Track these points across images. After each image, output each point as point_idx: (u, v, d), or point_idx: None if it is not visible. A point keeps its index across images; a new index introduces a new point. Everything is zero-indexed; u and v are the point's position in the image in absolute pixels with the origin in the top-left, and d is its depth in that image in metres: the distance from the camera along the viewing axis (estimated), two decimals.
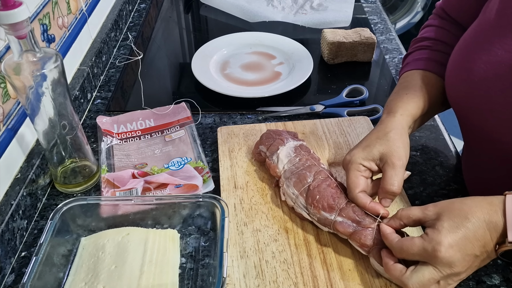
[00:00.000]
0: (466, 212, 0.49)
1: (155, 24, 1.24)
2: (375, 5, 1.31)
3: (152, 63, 1.07)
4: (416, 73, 0.69)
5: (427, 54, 0.71)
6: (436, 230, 0.50)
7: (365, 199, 0.59)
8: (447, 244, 0.48)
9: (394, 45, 1.12)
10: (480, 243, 0.49)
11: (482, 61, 0.56)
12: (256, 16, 1.24)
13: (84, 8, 0.98)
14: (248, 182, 0.72)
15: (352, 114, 0.89)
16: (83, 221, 0.65)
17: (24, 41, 0.58)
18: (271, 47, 1.08)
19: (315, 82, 1.01)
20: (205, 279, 0.60)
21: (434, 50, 0.71)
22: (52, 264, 0.59)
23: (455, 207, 0.50)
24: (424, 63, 0.70)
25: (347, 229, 0.59)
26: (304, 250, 0.61)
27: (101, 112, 0.91)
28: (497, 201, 0.49)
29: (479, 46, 0.58)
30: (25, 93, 0.61)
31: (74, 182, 0.73)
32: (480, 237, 0.48)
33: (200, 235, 0.66)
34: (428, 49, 0.72)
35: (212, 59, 1.04)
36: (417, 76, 0.68)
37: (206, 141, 0.83)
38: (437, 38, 0.72)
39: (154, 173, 0.74)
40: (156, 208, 0.66)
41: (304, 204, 0.63)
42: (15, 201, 0.65)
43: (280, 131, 0.73)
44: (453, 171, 0.77)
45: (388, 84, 0.99)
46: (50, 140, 0.68)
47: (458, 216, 0.49)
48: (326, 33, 1.04)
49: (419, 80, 0.67)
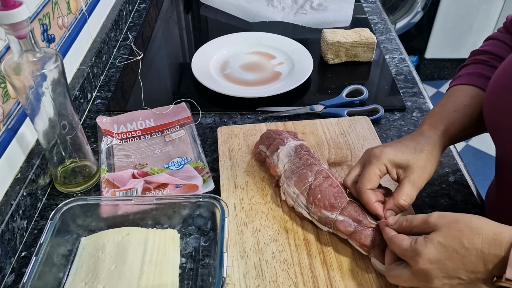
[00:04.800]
0: (463, 236, 0.47)
1: (155, 24, 1.24)
2: (375, 5, 1.31)
3: (152, 63, 1.07)
4: (467, 89, 0.65)
5: (481, 69, 0.67)
6: (424, 242, 0.49)
7: (372, 197, 0.59)
8: (426, 258, 0.48)
9: (394, 45, 1.12)
10: (468, 269, 0.46)
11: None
12: (256, 16, 1.24)
13: (84, 8, 0.98)
14: (248, 182, 0.72)
15: (352, 114, 0.89)
16: (83, 221, 0.65)
17: (24, 41, 0.58)
18: (271, 47, 1.08)
19: (315, 82, 1.01)
20: (205, 279, 0.60)
21: (489, 66, 0.67)
22: (52, 264, 0.59)
23: (457, 228, 0.48)
24: (476, 79, 0.66)
25: (348, 228, 0.59)
26: (304, 250, 0.61)
27: (101, 112, 0.91)
28: (507, 233, 0.45)
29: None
30: (25, 93, 0.61)
31: (74, 182, 0.73)
32: (469, 263, 0.46)
33: (200, 235, 0.66)
34: (484, 64, 0.67)
35: (212, 59, 1.04)
36: (468, 93, 0.64)
37: (206, 141, 0.83)
38: (496, 53, 0.67)
39: (154, 173, 0.74)
40: (156, 208, 0.66)
41: (305, 203, 0.63)
42: (15, 201, 0.65)
43: (280, 131, 0.73)
44: (453, 171, 0.77)
45: (388, 84, 0.99)
46: (50, 140, 0.68)
47: (453, 238, 0.47)
48: (326, 33, 1.04)
49: (468, 97, 0.64)
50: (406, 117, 0.89)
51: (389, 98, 0.94)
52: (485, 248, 0.45)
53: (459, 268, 0.46)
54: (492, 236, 0.45)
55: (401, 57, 1.07)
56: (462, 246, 0.46)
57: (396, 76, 1.01)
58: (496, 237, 0.45)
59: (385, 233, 0.56)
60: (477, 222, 0.47)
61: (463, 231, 0.47)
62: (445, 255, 0.47)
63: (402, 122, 0.88)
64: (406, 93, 0.95)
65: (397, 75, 1.01)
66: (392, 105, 0.92)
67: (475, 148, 2.19)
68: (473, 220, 0.48)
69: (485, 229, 0.46)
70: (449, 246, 0.47)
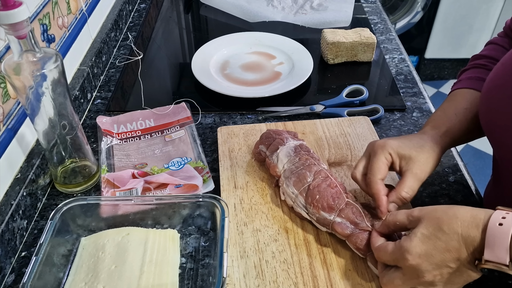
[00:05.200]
0: (442, 223, 0.48)
1: (155, 24, 1.24)
2: (375, 5, 1.31)
3: (152, 63, 1.07)
4: (467, 94, 0.67)
5: (480, 73, 0.68)
6: (408, 238, 0.50)
7: (382, 188, 0.59)
8: (415, 253, 0.48)
9: (394, 45, 1.12)
10: (453, 256, 0.47)
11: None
12: (256, 16, 1.24)
13: (84, 8, 0.98)
14: (248, 182, 0.72)
15: (352, 114, 0.88)
16: (83, 221, 0.65)
17: (24, 41, 0.58)
18: (271, 47, 1.08)
19: (315, 82, 1.01)
20: (205, 279, 0.60)
21: (488, 70, 0.67)
22: (52, 264, 0.59)
23: (436, 216, 0.49)
24: (475, 83, 0.67)
25: (345, 231, 0.59)
26: (304, 250, 0.61)
27: (101, 112, 0.91)
28: (482, 215, 0.46)
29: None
30: (25, 93, 0.61)
31: (74, 182, 0.73)
32: (453, 249, 0.47)
33: (200, 235, 0.66)
34: (483, 68, 0.69)
35: (212, 59, 1.04)
36: (468, 97, 0.66)
37: (206, 141, 0.83)
38: (494, 57, 0.69)
39: (154, 173, 0.74)
40: (156, 208, 0.66)
41: (303, 203, 0.63)
42: (15, 201, 0.65)
43: (280, 131, 0.73)
44: (453, 171, 0.77)
45: (388, 84, 0.99)
46: (50, 140, 0.68)
47: (434, 226, 0.48)
48: (326, 33, 1.04)
49: (469, 101, 0.65)
50: (406, 117, 0.89)
51: (389, 98, 0.94)
52: (464, 232, 0.46)
53: (445, 257, 0.47)
54: (469, 219, 0.47)
55: (401, 57, 1.07)
56: (443, 233, 0.48)
57: (396, 76, 1.01)
58: (473, 219, 0.47)
59: (371, 244, 0.56)
60: (454, 208, 0.49)
61: (441, 218, 0.48)
62: (430, 245, 0.48)
63: (402, 122, 0.88)
64: (406, 93, 0.95)
65: (397, 75, 1.01)
66: (392, 105, 0.92)
67: (475, 148, 2.19)
68: (450, 207, 0.49)
69: (462, 213, 0.48)
70: (431, 235, 0.48)
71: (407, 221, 0.53)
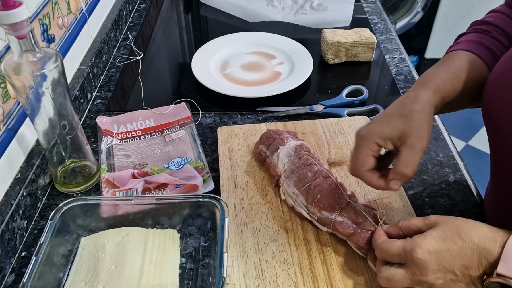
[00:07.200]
0: (461, 229, 0.48)
1: (155, 24, 1.24)
2: (375, 5, 1.31)
3: (152, 63, 1.07)
4: (464, 54, 0.62)
5: (481, 38, 0.64)
6: (422, 235, 0.49)
7: (372, 176, 0.57)
8: (425, 248, 0.48)
9: (394, 45, 1.12)
10: (463, 263, 0.47)
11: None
12: (256, 16, 1.24)
13: (84, 8, 0.98)
14: (248, 182, 0.72)
15: (352, 114, 0.89)
16: (83, 221, 0.65)
17: (24, 41, 0.58)
18: (271, 47, 1.08)
19: (315, 82, 1.01)
20: (205, 279, 0.60)
21: (490, 37, 0.64)
22: (52, 264, 0.59)
23: (455, 222, 0.49)
24: (475, 46, 0.63)
25: (346, 230, 0.58)
26: (304, 250, 0.61)
27: (101, 112, 0.91)
28: (502, 232, 0.46)
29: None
30: (25, 93, 0.61)
31: (74, 182, 0.73)
32: (465, 256, 0.46)
33: (200, 235, 0.66)
34: (484, 33, 0.65)
35: (212, 59, 1.04)
36: (464, 58, 0.62)
37: (206, 141, 0.83)
38: (498, 25, 0.64)
39: (154, 173, 0.74)
40: (156, 208, 0.66)
41: (304, 203, 0.63)
42: (15, 201, 0.65)
43: (280, 131, 0.73)
44: (453, 171, 0.77)
45: (388, 84, 0.99)
46: (50, 140, 0.68)
47: (452, 230, 0.48)
48: (326, 33, 1.04)
49: (464, 61, 0.61)
50: None
51: (389, 98, 0.94)
52: (481, 243, 0.46)
53: (455, 261, 0.47)
54: (488, 233, 0.47)
55: (401, 57, 1.07)
56: (459, 238, 0.47)
57: (396, 76, 1.01)
58: (492, 234, 0.46)
59: (373, 240, 0.55)
60: (474, 221, 0.49)
61: (461, 225, 0.48)
62: (444, 246, 0.48)
63: None
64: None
65: (397, 75, 1.01)
66: None
67: (475, 148, 2.19)
68: (469, 220, 0.49)
69: (482, 226, 0.48)
70: (447, 238, 0.48)
71: (423, 224, 0.52)
